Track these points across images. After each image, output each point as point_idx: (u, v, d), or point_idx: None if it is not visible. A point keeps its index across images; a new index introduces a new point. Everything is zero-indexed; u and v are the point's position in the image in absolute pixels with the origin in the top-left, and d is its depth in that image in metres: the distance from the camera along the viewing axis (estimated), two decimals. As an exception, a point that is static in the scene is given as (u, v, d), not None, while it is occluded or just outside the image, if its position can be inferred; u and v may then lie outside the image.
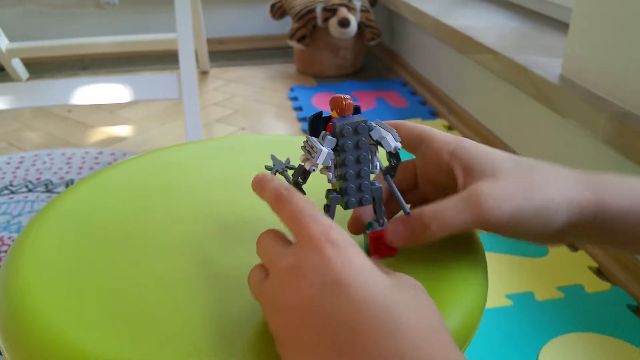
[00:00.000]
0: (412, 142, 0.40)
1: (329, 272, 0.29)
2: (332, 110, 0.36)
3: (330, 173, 0.36)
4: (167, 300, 0.36)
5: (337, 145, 0.35)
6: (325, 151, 0.34)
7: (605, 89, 1.01)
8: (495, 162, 0.36)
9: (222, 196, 0.48)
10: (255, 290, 0.33)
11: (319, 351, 0.27)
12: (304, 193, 0.37)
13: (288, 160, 0.42)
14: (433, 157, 0.39)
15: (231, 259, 0.40)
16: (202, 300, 0.36)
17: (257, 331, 0.34)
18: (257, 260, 0.36)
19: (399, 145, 0.36)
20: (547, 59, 1.22)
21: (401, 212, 0.38)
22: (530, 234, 0.36)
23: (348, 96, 0.36)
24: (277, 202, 0.34)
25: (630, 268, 0.97)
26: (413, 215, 0.36)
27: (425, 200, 0.41)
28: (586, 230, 0.36)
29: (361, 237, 0.39)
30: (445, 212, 0.35)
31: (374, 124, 0.36)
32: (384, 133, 0.36)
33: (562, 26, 1.48)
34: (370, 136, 0.36)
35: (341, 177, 0.36)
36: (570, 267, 1.00)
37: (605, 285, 0.95)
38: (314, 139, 0.36)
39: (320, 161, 0.35)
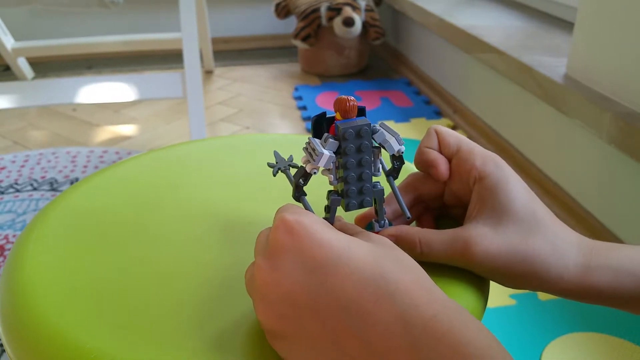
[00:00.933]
0: (450, 150, 0.39)
1: (306, 256, 0.29)
2: (335, 111, 0.36)
3: (332, 175, 0.36)
4: (170, 299, 0.37)
5: (339, 148, 0.35)
6: (326, 154, 0.34)
7: (610, 88, 1.01)
8: (509, 207, 0.36)
9: (225, 195, 0.48)
10: (247, 288, 0.33)
11: (327, 331, 0.28)
12: (305, 194, 0.37)
13: (291, 158, 0.41)
14: (464, 175, 0.38)
15: (234, 258, 0.40)
16: (205, 299, 0.36)
17: (258, 330, 0.34)
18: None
19: (402, 148, 0.36)
20: (552, 59, 1.21)
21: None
22: (509, 284, 0.37)
23: (352, 97, 0.35)
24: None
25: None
26: (406, 235, 0.37)
27: (445, 206, 0.42)
28: (567, 293, 0.37)
29: None
30: (435, 245, 0.36)
31: (378, 127, 0.36)
32: (388, 136, 0.36)
33: (567, 25, 1.47)
34: (373, 139, 0.36)
35: (342, 180, 0.36)
36: (575, 267, 0.99)
37: (609, 286, 0.95)
38: (317, 140, 0.35)
39: (321, 164, 0.35)
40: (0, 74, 2.08)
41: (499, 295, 0.92)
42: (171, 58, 2.20)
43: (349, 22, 1.90)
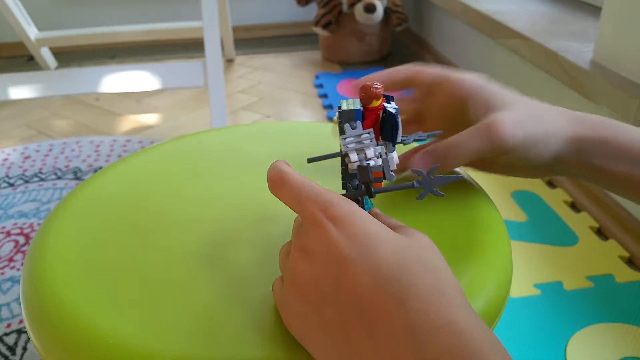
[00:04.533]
0: (427, 84, 0.45)
1: (333, 250, 0.29)
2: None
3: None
4: (190, 286, 0.36)
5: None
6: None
7: (638, 74, 0.98)
8: (504, 97, 0.42)
9: (246, 183, 0.48)
10: (280, 267, 0.35)
11: (342, 321, 0.28)
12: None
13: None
14: (447, 96, 0.43)
15: (254, 244, 0.40)
16: (224, 286, 0.36)
17: (276, 317, 0.33)
18: (277, 247, 0.36)
19: (351, 157, 0.34)
20: (578, 44, 1.19)
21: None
22: (531, 159, 0.41)
23: (376, 85, 0.35)
24: (273, 186, 0.34)
25: (663, 258, 0.94)
26: (430, 150, 0.41)
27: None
28: (572, 162, 0.42)
29: None
30: (462, 141, 0.40)
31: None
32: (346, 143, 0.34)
33: (594, 10, 1.44)
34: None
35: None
36: (601, 256, 0.98)
37: (636, 275, 0.93)
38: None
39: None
40: (24, 64, 2.10)
41: (523, 285, 0.91)
42: (192, 47, 2.20)
43: (370, 8, 1.88)
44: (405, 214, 0.42)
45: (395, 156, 0.37)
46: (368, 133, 0.34)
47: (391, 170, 0.36)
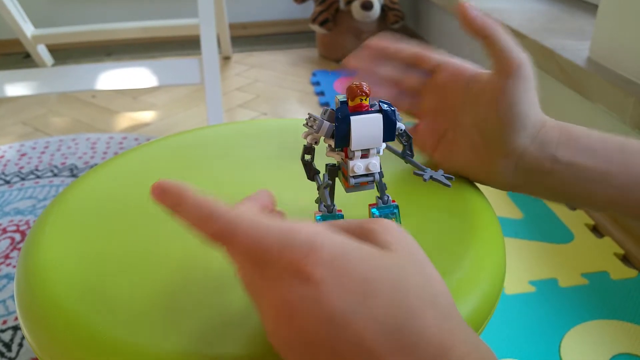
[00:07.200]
0: (433, 64, 0.48)
1: (324, 307, 0.26)
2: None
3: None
4: (186, 282, 0.36)
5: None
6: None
7: (634, 72, 0.98)
8: None
9: (241, 180, 0.48)
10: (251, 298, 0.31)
11: None
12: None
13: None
14: (451, 79, 0.47)
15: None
16: (220, 284, 0.36)
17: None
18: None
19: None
20: (575, 42, 1.19)
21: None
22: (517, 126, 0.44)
23: (363, 85, 0.35)
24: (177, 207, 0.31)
25: (658, 255, 0.95)
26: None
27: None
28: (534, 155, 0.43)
29: None
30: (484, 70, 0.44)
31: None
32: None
33: (590, 8, 1.44)
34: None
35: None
36: (596, 253, 0.98)
37: (631, 273, 0.94)
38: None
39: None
40: (21, 61, 2.10)
41: (518, 282, 0.91)
42: (189, 44, 2.20)
43: (367, 6, 1.88)
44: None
45: (361, 163, 0.36)
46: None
47: (351, 176, 0.36)
